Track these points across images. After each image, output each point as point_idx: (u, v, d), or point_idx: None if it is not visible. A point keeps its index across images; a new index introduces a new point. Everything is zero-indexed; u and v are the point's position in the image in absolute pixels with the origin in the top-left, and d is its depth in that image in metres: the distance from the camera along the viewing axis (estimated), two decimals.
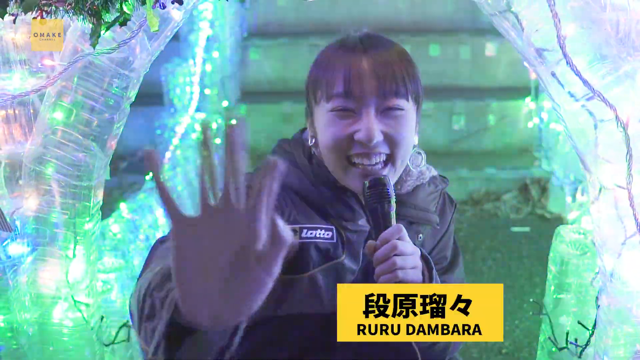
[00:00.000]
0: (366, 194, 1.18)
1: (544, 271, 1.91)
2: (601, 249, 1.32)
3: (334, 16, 4.83)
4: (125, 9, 1.24)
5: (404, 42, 4.04)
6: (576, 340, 1.58)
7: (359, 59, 1.21)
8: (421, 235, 1.35)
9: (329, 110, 1.22)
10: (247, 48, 4.81)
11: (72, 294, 1.47)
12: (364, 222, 1.28)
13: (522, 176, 4.16)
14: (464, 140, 4.51)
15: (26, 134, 1.42)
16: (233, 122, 0.69)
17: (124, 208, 2.63)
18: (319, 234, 1.25)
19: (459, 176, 4.11)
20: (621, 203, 1.23)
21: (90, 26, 1.24)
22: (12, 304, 1.45)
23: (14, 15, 1.24)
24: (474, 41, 4.69)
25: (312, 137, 1.29)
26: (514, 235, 3.69)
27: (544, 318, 1.87)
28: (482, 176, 4.19)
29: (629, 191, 1.21)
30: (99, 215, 1.53)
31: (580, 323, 1.60)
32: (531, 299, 2.85)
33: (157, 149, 4.18)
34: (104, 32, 1.27)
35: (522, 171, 4.18)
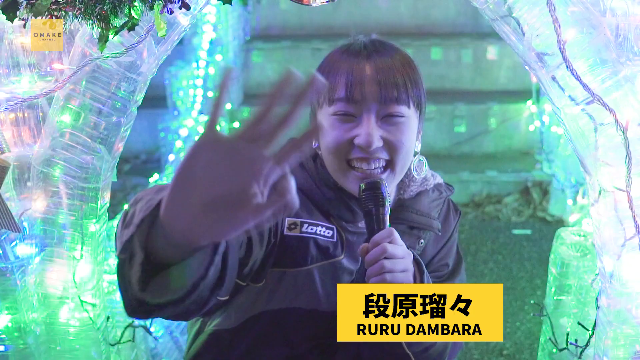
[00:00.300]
0: (361, 196, 1.20)
1: (545, 273, 1.92)
2: (601, 251, 1.33)
3: (336, 20, 4.85)
4: (133, 14, 1.26)
5: (406, 45, 4.06)
6: (576, 341, 1.59)
7: (362, 65, 1.23)
8: (422, 241, 1.36)
9: (331, 113, 1.24)
10: (249, 51, 4.81)
11: (78, 295, 1.48)
12: (364, 224, 1.29)
13: (523, 179, 4.17)
14: (466, 143, 4.52)
15: (35, 136, 1.42)
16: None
17: None
18: (319, 230, 1.27)
19: (461, 179, 4.12)
20: (621, 205, 1.25)
21: (99, 31, 1.26)
22: (19, 304, 1.46)
23: (24, 20, 1.25)
24: (475, 45, 4.70)
25: (315, 140, 1.31)
26: (515, 238, 3.69)
27: (545, 319, 1.88)
28: (484, 179, 4.19)
29: (629, 194, 1.22)
30: (106, 216, 1.54)
31: (580, 324, 1.60)
32: (532, 301, 2.87)
33: (160, 151, 4.21)
34: (112, 36, 1.29)
35: (524, 174, 4.18)
